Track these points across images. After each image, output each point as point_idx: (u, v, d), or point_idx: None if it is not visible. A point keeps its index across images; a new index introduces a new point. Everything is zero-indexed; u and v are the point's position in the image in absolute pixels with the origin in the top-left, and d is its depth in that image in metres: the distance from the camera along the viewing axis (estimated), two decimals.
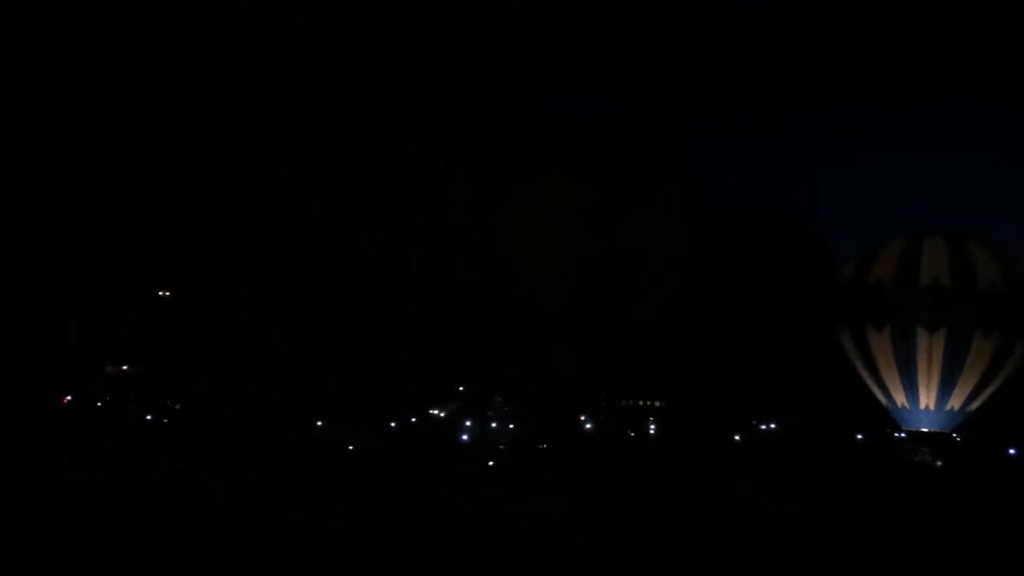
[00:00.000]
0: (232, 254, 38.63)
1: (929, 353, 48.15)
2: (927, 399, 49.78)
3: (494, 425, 63.36)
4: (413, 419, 65.92)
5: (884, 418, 54.46)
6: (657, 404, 75.84)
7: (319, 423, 57.00)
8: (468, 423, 65.73)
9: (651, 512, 35.00)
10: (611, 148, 39.79)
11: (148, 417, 59.32)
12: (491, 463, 49.26)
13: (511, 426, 58.94)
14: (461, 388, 74.06)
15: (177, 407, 61.38)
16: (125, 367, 66.03)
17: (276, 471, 40.05)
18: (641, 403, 79.45)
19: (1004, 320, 48.15)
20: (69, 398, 58.10)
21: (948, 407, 50.22)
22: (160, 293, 50.00)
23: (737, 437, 61.04)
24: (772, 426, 69.85)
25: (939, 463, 51.75)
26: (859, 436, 68.61)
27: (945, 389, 49.36)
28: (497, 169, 39.01)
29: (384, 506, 33.26)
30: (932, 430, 51.27)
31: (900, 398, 50.50)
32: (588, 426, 69.91)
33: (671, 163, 40.99)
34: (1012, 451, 63.21)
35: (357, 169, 40.94)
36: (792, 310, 46.57)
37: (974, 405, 51.05)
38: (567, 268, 37.52)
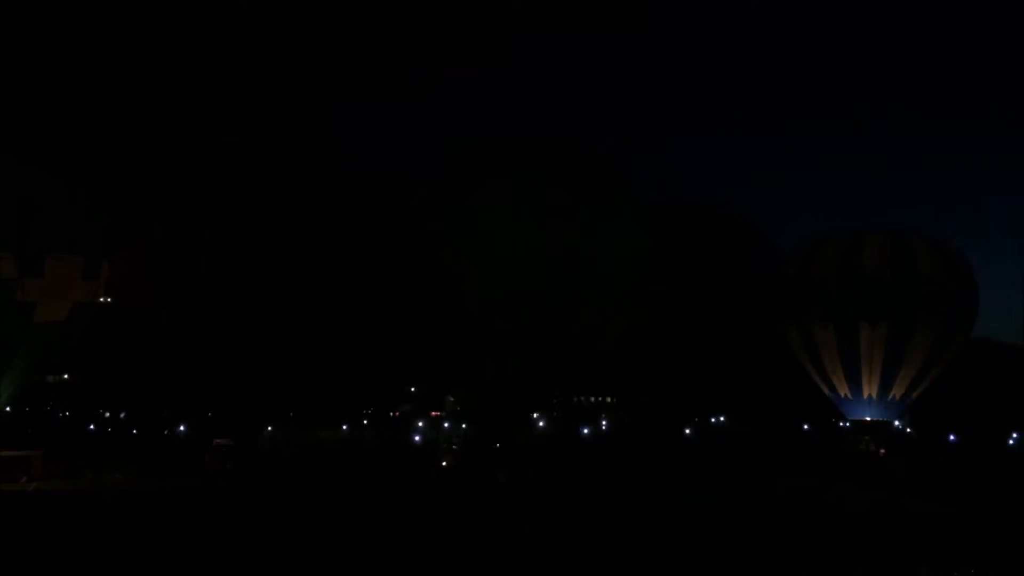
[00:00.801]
0: (183, 259, 37.77)
1: (871, 345, 49.08)
2: (869, 389, 50.73)
3: (446, 425, 63.04)
4: (365, 421, 65.49)
5: (830, 409, 55.49)
6: (608, 400, 76.44)
7: (269, 428, 56.28)
8: (420, 424, 65.43)
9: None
10: (570, 152, 39.98)
11: (92, 427, 57.96)
12: (444, 463, 48.95)
13: (463, 426, 58.68)
14: (413, 389, 73.78)
15: (122, 415, 60.08)
16: (66, 376, 64.33)
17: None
18: (593, 399, 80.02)
19: (944, 311, 49.26)
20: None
21: (890, 396, 51.23)
22: (101, 299, 48.64)
23: (688, 431, 61.72)
24: (722, 419, 70.86)
25: (882, 451, 52.69)
26: (806, 427, 69.98)
27: (887, 379, 50.33)
28: (458, 170, 38.90)
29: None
30: (875, 419, 52.25)
31: (843, 389, 51.37)
32: (541, 424, 70.06)
33: (628, 167, 41.36)
34: (952, 437, 65.02)
35: (315, 169, 40.50)
36: (744, 308, 47.17)
37: (915, 393, 52.22)
38: (525, 268, 37.55)
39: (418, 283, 39.40)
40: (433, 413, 69.57)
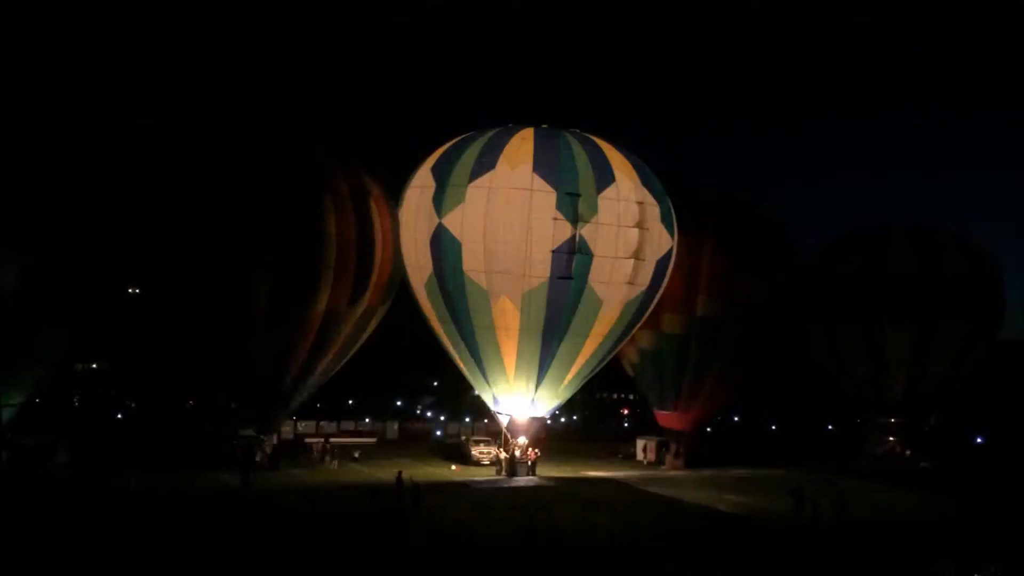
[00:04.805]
0: (194, 244, 38.19)
1: (897, 345, 48.35)
2: (895, 389, 49.95)
3: (467, 420, 63.29)
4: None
5: (852, 407, 54.86)
6: (631, 397, 76.23)
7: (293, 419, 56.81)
8: (442, 417, 65.70)
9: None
10: (580, 141, 39.97)
11: (119, 416, 58.82)
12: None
13: (486, 420, 58.86)
14: (435, 383, 74.27)
15: (148, 405, 60.96)
16: (95, 364, 65.49)
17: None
18: (615, 396, 79.94)
19: (970, 310, 48.44)
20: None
21: (917, 397, 50.42)
22: (130, 290, 49.42)
23: (708, 429, 61.27)
24: (736, 419, 70.44)
25: (908, 452, 51.96)
26: (829, 427, 69.31)
27: (913, 380, 49.51)
28: (462, 161, 39.01)
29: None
30: (901, 420, 51.48)
31: (868, 389, 50.59)
32: (563, 420, 70.13)
33: (638, 155, 41.19)
34: (979, 439, 64.07)
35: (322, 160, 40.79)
36: (762, 302, 46.79)
37: (942, 394, 51.43)
38: (533, 257, 37.61)
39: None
40: (455, 407, 69.96)
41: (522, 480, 41.74)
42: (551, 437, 57.14)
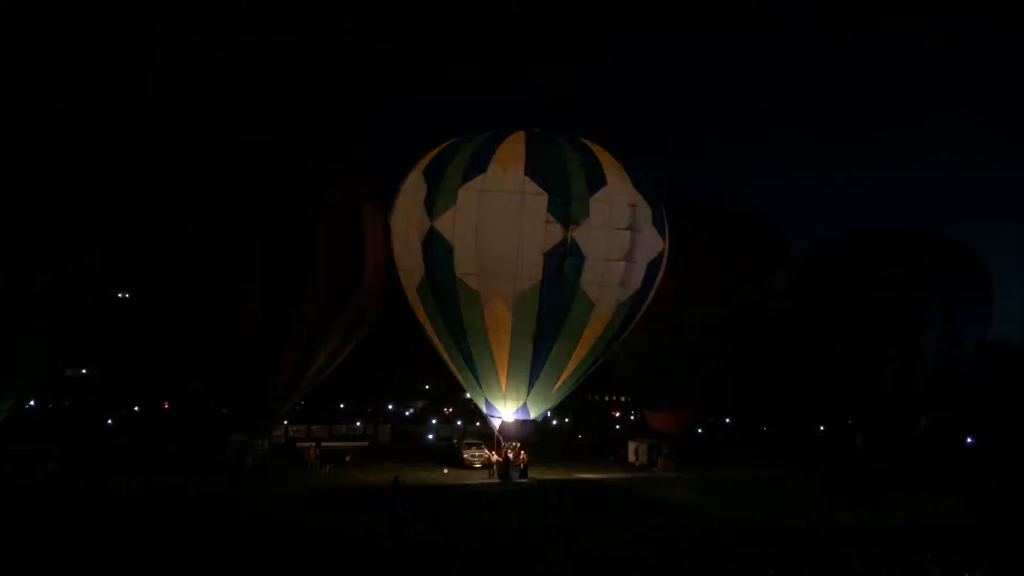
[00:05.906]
0: (185, 248, 38.16)
1: (883, 349, 48.59)
2: (883, 392, 50.14)
3: (459, 423, 63.36)
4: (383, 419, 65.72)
5: (842, 409, 55.05)
6: (623, 399, 76.41)
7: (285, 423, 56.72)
8: (434, 421, 65.70)
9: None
10: (572, 144, 40.15)
11: (109, 421, 58.47)
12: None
13: (477, 423, 58.87)
14: (427, 386, 74.20)
15: (136, 409, 60.69)
16: (84, 370, 65.13)
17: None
18: (607, 398, 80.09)
19: (957, 313, 48.76)
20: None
21: (904, 400, 50.66)
22: (120, 295, 49.25)
23: (700, 431, 61.45)
24: (727, 421, 70.59)
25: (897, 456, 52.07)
26: (821, 428, 69.50)
27: (900, 383, 49.75)
28: (454, 163, 39.03)
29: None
30: (888, 422, 51.65)
31: (856, 391, 50.75)
32: (554, 423, 70.17)
33: (632, 156, 41.36)
34: (970, 440, 64.31)
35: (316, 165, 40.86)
36: (754, 305, 47.00)
37: (929, 396, 51.72)
38: (525, 260, 37.65)
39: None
40: (446, 410, 69.97)
41: (514, 483, 41.82)
42: (544, 439, 57.24)
